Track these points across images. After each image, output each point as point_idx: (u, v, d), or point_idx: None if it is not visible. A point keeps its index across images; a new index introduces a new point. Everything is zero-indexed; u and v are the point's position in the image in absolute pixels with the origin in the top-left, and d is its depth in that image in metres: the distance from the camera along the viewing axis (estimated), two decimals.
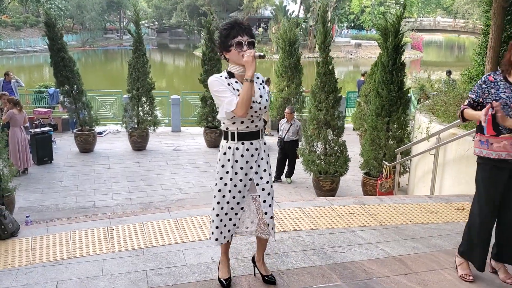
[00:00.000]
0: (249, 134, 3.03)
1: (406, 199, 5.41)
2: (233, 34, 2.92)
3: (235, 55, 2.93)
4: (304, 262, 3.70)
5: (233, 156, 3.04)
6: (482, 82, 3.31)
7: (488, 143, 3.23)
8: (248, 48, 2.92)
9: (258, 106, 2.98)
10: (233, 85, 2.98)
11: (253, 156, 3.07)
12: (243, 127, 3.01)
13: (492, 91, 3.24)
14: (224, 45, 2.97)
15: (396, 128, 8.19)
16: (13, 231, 4.31)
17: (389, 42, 7.97)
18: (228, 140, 3.06)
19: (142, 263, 3.73)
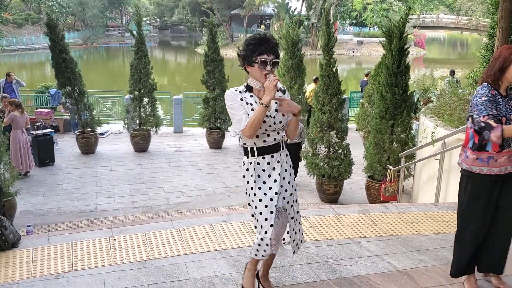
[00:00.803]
0: (268, 148, 2.99)
1: (411, 207, 5.34)
2: (259, 50, 2.86)
3: (257, 72, 2.89)
4: (310, 276, 3.63)
5: (255, 171, 3.00)
6: (491, 97, 3.13)
7: (491, 160, 3.17)
8: (272, 68, 2.88)
9: (273, 120, 2.94)
10: (246, 100, 2.94)
11: (275, 169, 3.01)
12: (260, 142, 2.97)
13: (500, 107, 3.15)
14: (249, 59, 2.91)
15: (401, 131, 8.11)
16: (14, 242, 4.25)
17: (394, 44, 7.88)
18: (248, 156, 3.03)
19: (145, 276, 3.67)
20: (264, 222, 2.98)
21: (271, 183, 2.99)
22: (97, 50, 55.70)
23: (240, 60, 2.99)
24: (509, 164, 3.20)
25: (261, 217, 2.98)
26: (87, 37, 58.06)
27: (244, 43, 2.95)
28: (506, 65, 3.13)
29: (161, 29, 74.26)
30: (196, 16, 57.02)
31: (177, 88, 29.25)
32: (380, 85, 8.15)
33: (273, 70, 2.90)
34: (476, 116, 3.13)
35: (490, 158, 3.18)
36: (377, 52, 44.40)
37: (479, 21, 52.46)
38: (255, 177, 3.00)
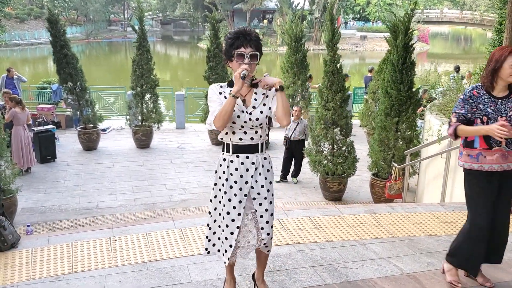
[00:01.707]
0: (244, 147, 2.92)
1: (418, 207, 5.24)
2: (236, 44, 2.82)
3: (236, 66, 2.83)
4: (315, 280, 3.55)
5: (228, 169, 2.94)
6: (468, 97, 3.28)
7: (481, 156, 3.26)
8: (250, 61, 2.82)
9: (248, 116, 2.87)
10: (225, 94, 2.91)
11: (249, 171, 2.93)
12: (236, 138, 2.91)
13: (480, 106, 3.25)
14: (227, 54, 2.88)
15: (406, 129, 8.00)
16: (13, 242, 4.18)
17: (399, 40, 7.77)
18: (224, 152, 2.98)
19: (146, 279, 3.59)
20: (231, 223, 2.94)
21: (242, 184, 2.93)
22: (99, 45, 55.57)
23: (223, 56, 2.97)
24: (504, 162, 3.25)
25: (228, 217, 2.94)
26: (89, 32, 57.92)
27: (224, 39, 2.93)
28: (498, 66, 3.20)
29: (164, 24, 74.03)
30: (199, 11, 56.79)
31: (180, 83, 29.17)
32: (385, 82, 8.04)
33: (252, 63, 2.83)
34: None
35: (479, 155, 3.26)
36: (381, 47, 44.19)
37: (484, 16, 52.15)
38: (228, 174, 2.94)
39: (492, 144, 3.23)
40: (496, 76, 3.22)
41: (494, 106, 3.23)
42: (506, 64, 3.17)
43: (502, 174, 3.27)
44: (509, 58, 3.17)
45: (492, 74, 3.22)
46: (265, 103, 2.93)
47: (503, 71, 3.18)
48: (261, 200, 2.98)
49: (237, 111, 2.86)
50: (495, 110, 3.22)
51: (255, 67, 2.90)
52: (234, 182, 2.92)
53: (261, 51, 2.90)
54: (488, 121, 3.22)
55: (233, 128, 2.89)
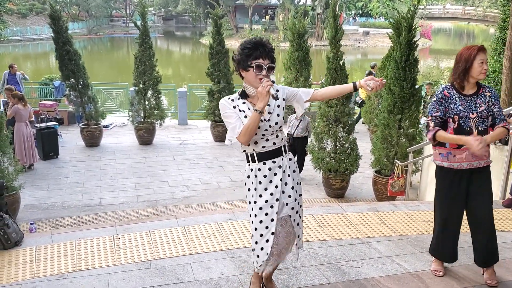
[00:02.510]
0: (269, 153, 2.90)
1: (421, 205, 5.24)
2: (255, 55, 2.78)
3: (252, 77, 2.80)
4: (318, 279, 3.55)
5: (256, 178, 2.91)
6: (440, 98, 3.38)
7: (450, 155, 3.38)
8: (267, 73, 2.79)
9: (268, 124, 2.86)
10: (239, 107, 2.88)
11: (277, 175, 2.92)
12: (259, 147, 2.89)
13: (451, 106, 3.35)
14: (244, 64, 2.82)
15: (408, 126, 7.98)
16: (17, 241, 4.20)
17: (402, 37, 7.73)
18: (249, 162, 2.95)
19: (149, 277, 3.60)
20: (265, 230, 2.91)
21: (272, 189, 2.91)
22: (101, 41, 55.51)
23: (235, 65, 2.91)
24: (473, 160, 3.35)
25: (262, 225, 2.91)
26: (91, 28, 57.85)
27: (240, 47, 2.87)
28: (468, 66, 3.31)
29: (166, 19, 73.88)
30: (201, 7, 56.56)
31: (182, 79, 29.12)
32: (388, 79, 8.01)
33: (268, 75, 2.82)
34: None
35: (449, 154, 3.38)
36: (383, 43, 44.06)
37: (486, 12, 51.91)
38: (256, 184, 2.92)
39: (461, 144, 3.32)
40: (467, 75, 3.33)
41: (464, 104, 3.34)
42: (476, 63, 3.29)
43: (472, 171, 3.38)
44: (478, 57, 3.28)
45: (463, 74, 3.33)
46: (279, 105, 2.93)
47: (473, 70, 3.30)
48: (293, 204, 2.98)
49: None
50: (466, 108, 3.33)
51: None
52: (264, 190, 2.91)
53: (275, 63, 2.88)
54: (459, 119, 3.32)
55: (255, 139, 2.87)
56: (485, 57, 3.33)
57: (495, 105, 3.36)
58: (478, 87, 3.40)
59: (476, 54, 3.29)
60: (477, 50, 3.30)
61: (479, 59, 3.28)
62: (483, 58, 3.31)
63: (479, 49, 3.31)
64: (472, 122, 3.31)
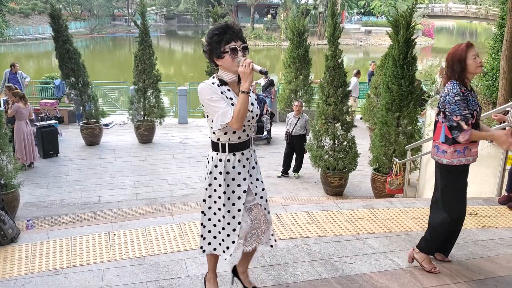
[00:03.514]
0: (241, 145, 2.88)
1: (416, 202, 5.24)
2: (226, 39, 2.70)
3: (229, 62, 2.72)
4: (311, 275, 3.56)
5: (225, 168, 2.89)
6: (462, 97, 3.28)
7: (467, 150, 3.36)
8: (243, 53, 2.73)
9: (251, 115, 2.85)
10: (226, 94, 2.79)
11: (245, 167, 2.92)
12: (235, 137, 2.85)
13: (470, 102, 3.33)
14: (216, 51, 2.73)
15: (407, 124, 7.99)
16: (13, 237, 4.22)
17: (400, 35, 7.74)
18: (219, 152, 2.89)
19: (143, 273, 3.62)
20: (232, 220, 2.93)
21: (240, 181, 2.91)
22: (103, 40, 55.61)
23: (207, 56, 2.83)
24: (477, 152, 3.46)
25: (229, 215, 2.92)
26: (93, 27, 57.95)
27: (207, 36, 2.77)
28: (463, 65, 3.31)
29: (168, 18, 73.92)
30: (203, 6, 56.64)
31: (184, 78, 29.17)
32: (387, 77, 8.02)
33: (245, 55, 2.74)
34: (449, 114, 3.28)
35: (466, 149, 3.35)
36: (385, 42, 43.95)
37: (489, 10, 51.75)
38: (224, 174, 2.89)
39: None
40: (465, 73, 3.32)
41: (474, 100, 3.37)
42: (469, 59, 3.30)
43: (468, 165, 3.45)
44: (469, 53, 3.30)
45: (462, 74, 3.32)
46: (255, 97, 2.99)
47: (469, 67, 3.31)
48: (261, 193, 3.01)
49: None
50: (475, 103, 3.36)
51: None
52: (231, 180, 2.90)
53: (246, 42, 2.81)
54: (476, 114, 3.34)
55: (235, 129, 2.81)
56: (475, 51, 3.34)
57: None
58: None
59: (467, 51, 3.31)
60: (466, 47, 3.32)
61: (471, 54, 3.30)
62: (474, 53, 3.32)
63: (467, 46, 3.33)
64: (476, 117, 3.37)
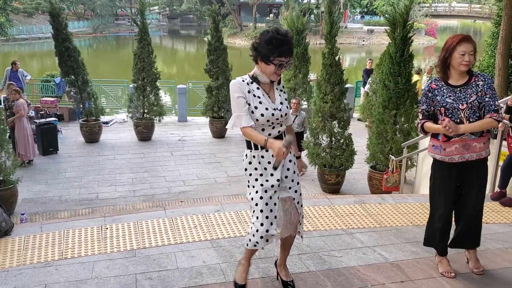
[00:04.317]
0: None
1: (408, 198, 5.27)
2: (279, 52, 2.76)
3: (271, 71, 2.84)
4: (298, 267, 3.60)
5: (260, 165, 2.96)
6: (427, 91, 3.36)
7: (441, 148, 3.35)
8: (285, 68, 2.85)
9: (279, 113, 2.92)
10: (254, 92, 2.90)
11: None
12: (265, 134, 2.91)
13: (438, 98, 3.30)
14: (266, 57, 2.80)
15: (404, 121, 8.00)
16: (7, 230, 4.27)
17: (397, 32, 7.76)
18: (252, 149, 2.97)
19: (133, 265, 3.66)
20: (270, 213, 2.96)
21: (278, 175, 2.95)
22: (106, 39, 55.72)
23: (254, 53, 2.88)
24: (465, 152, 3.31)
25: (267, 208, 2.95)
26: (96, 26, 58.07)
27: (264, 39, 2.79)
28: (447, 55, 3.24)
29: (171, 18, 73.99)
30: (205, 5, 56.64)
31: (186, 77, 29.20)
32: (383, 74, 8.04)
33: (286, 68, 2.89)
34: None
35: (440, 147, 3.36)
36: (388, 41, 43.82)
37: (493, 10, 51.58)
38: (261, 170, 2.95)
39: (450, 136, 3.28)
40: (447, 64, 3.27)
41: (453, 96, 3.25)
42: (456, 53, 3.19)
43: (463, 165, 3.34)
44: (459, 47, 3.18)
45: (443, 63, 3.28)
46: (286, 98, 3.02)
47: (453, 60, 3.22)
48: (296, 187, 3.07)
49: (271, 110, 2.88)
50: (455, 99, 3.24)
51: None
52: (270, 176, 2.94)
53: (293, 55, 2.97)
54: (445, 111, 3.26)
55: (264, 126, 2.90)
56: (468, 49, 3.16)
57: (486, 94, 3.21)
58: (470, 76, 3.26)
59: (457, 44, 3.18)
60: (458, 40, 3.18)
61: (460, 49, 3.16)
62: (466, 50, 3.15)
63: (461, 39, 3.18)
64: (462, 114, 3.21)
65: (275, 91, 2.97)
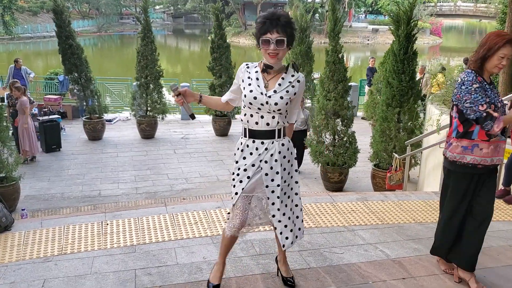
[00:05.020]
0: (260, 133, 2.86)
1: (411, 195, 5.22)
2: (263, 29, 2.73)
3: (263, 52, 2.79)
4: (299, 264, 3.56)
5: (242, 153, 2.91)
6: (478, 86, 2.99)
7: (475, 148, 3.02)
8: (277, 47, 2.72)
9: (265, 99, 2.79)
10: (249, 75, 2.88)
11: (260, 155, 2.88)
12: (252, 122, 2.86)
13: (487, 93, 3.01)
14: (257, 39, 2.80)
15: (407, 119, 7.94)
16: (7, 225, 4.26)
17: (401, 30, 7.69)
18: (242, 136, 2.95)
19: (133, 261, 3.64)
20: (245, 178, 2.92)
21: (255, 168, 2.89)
22: (111, 38, 55.82)
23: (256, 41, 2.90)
24: (495, 155, 3.06)
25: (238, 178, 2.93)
26: (101, 25, 58.18)
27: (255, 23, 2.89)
28: (489, 55, 2.99)
29: (175, 17, 74.02)
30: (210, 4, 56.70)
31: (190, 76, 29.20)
32: (387, 72, 7.98)
33: (278, 49, 2.72)
34: (472, 105, 2.97)
35: (475, 146, 3.02)
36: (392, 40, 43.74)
37: (498, 9, 51.31)
38: (240, 159, 2.91)
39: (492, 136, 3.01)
40: (484, 64, 3.03)
41: (493, 93, 3.04)
42: (496, 55, 2.97)
43: (487, 169, 3.10)
44: (502, 49, 2.95)
45: (481, 61, 3.03)
46: (288, 91, 2.84)
47: (490, 61, 3.00)
48: (274, 188, 2.91)
49: (256, 92, 2.81)
50: (494, 96, 3.03)
51: (285, 52, 2.79)
52: (251, 166, 2.89)
53: (291, 35, 2.76)
54: (495, 109, 2.96)
55: (251, 110, 2.85)
56: (509, 53, 2.96)
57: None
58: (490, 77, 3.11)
59: (502, 46, 2.94)
60: (504, 42, 2.93)
61: (501, 52, 2.94)
62: (507, 53, 2.95)
63: (507, 42, 2.93)
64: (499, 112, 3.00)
65: (279, 80, 2.84)
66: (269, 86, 2.84)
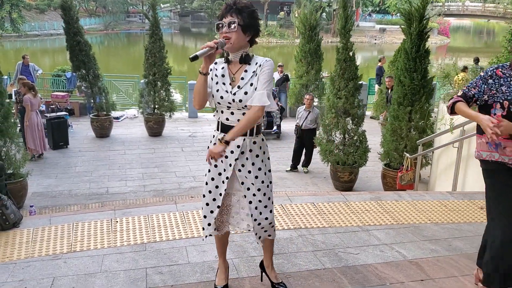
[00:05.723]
0: (230, 129, 2.69)
1: (426, 195, 5.11)
2: (220, 16, 2.67)
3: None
4: (314, 264, 3.47)
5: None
6: (488, 76, 2.78)
7: (500, 147, 2.75)
8: (228, 30, 2.60)
9: (231, 97, 2.67)
10: (216, 72, 2.78)
11: (233, 153, 2.75)
12: (223, 118, 2.75)
13: (503, 89, 2.71)
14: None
15: (419, 118, 7.83)
16: (15, 222, 4.20)
17: (413, 28, 7.58)
18: (215, 129, 2.84)
19: (143, 259, 3.56)
20: (212, 202, 2.86)
21: (226, 166, 2.78)
22: (118, 36, 55.89)
23: None
24: None
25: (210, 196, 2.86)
26: (108, 23, 58.26)
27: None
28: None
29: (182, 16, 73.98)
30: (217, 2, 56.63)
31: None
32: (398, 70, 7.87)
33: (229, 31, 2.59)
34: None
35: (498, 145, 2.76)
36: (400, 40, 43.21)
37: (507, 9, 50.91)
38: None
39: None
40: None
41: None
42: None
43: None
44: None
45: None
46: (252, 83, 2.67)
47: None
48: (249, 185, 2.81)
49: (222, 91, 2.71)
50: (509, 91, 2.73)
51: (240, 38, 2.62)
52: (220, 162, 2.78)
53: (248, 22, 2.63)
54: (509, 106, 2.69)
55: (221, 107, 2.75)
56: None
57: None
58: None
59: None
60: None
61: None
62: None
63: None
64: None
65: (242, 73, 2.69)
66: (235, 80, 2.72)
